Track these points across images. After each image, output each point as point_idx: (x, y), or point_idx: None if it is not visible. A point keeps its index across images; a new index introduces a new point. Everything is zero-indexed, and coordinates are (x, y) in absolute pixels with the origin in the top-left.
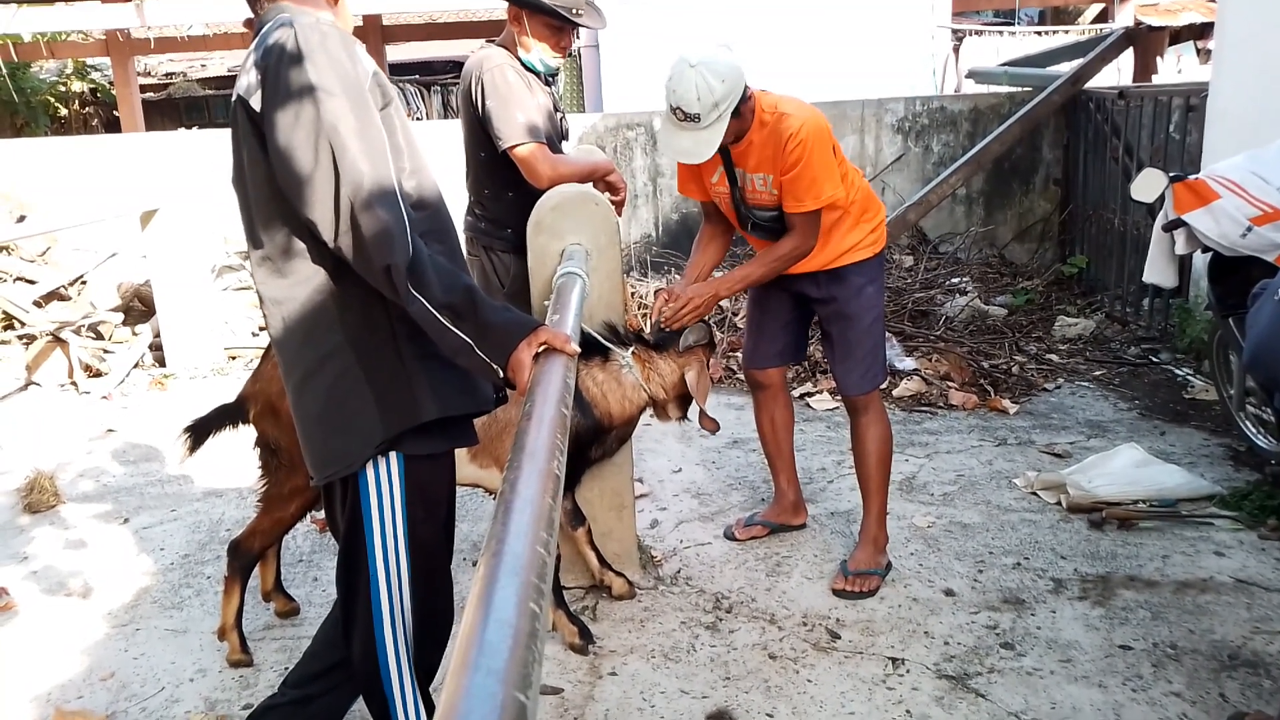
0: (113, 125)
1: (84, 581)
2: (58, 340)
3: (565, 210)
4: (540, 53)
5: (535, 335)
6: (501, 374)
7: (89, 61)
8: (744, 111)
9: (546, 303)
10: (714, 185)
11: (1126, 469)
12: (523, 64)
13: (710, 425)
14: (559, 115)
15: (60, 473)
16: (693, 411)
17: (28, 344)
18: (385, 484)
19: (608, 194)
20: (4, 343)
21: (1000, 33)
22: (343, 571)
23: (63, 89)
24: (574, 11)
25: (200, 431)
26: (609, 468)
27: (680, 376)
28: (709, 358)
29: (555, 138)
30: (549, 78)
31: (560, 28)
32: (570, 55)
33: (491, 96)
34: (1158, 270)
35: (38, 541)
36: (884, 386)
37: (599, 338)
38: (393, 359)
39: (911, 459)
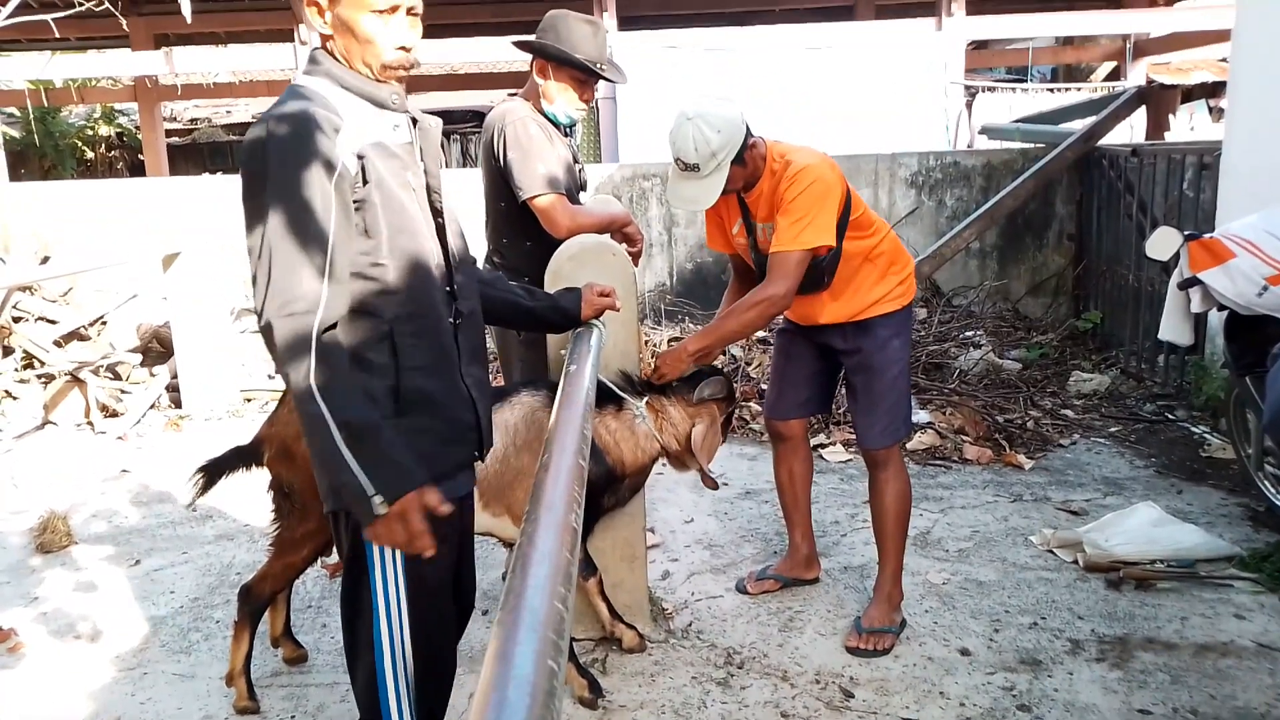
0: (138, 169)
1: (93, 624)
2: (76, 380)
3: (583, 260)
4: (564, 104)
5: (422, 493)
6: (365, 523)
7: (116, 106)
8: (748, 160)
9: (562, 352)
10: (734, 237)
11: (1144, 528)
12: (545, 115)
13: (710, 485)
14: (578, 167)
15: (74, 513)
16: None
17: (46, 383)
18: None
19: (625, 244)
20: (23, 381)
21: (1013, 89)
22: (345, 603)
23: (90, 133)
24: (599, 65)
25: (213, 472)
26: (621, 518)
27: (692, 426)
28: (724, 412)
29: (574, 189)
30: (568, 129)
31: (585, 80)
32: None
33: (513, 148)
34: (1173, 328)
35: (48, 583)
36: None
37: (614, 387)
38: (390, 424)
39: (926, 513)
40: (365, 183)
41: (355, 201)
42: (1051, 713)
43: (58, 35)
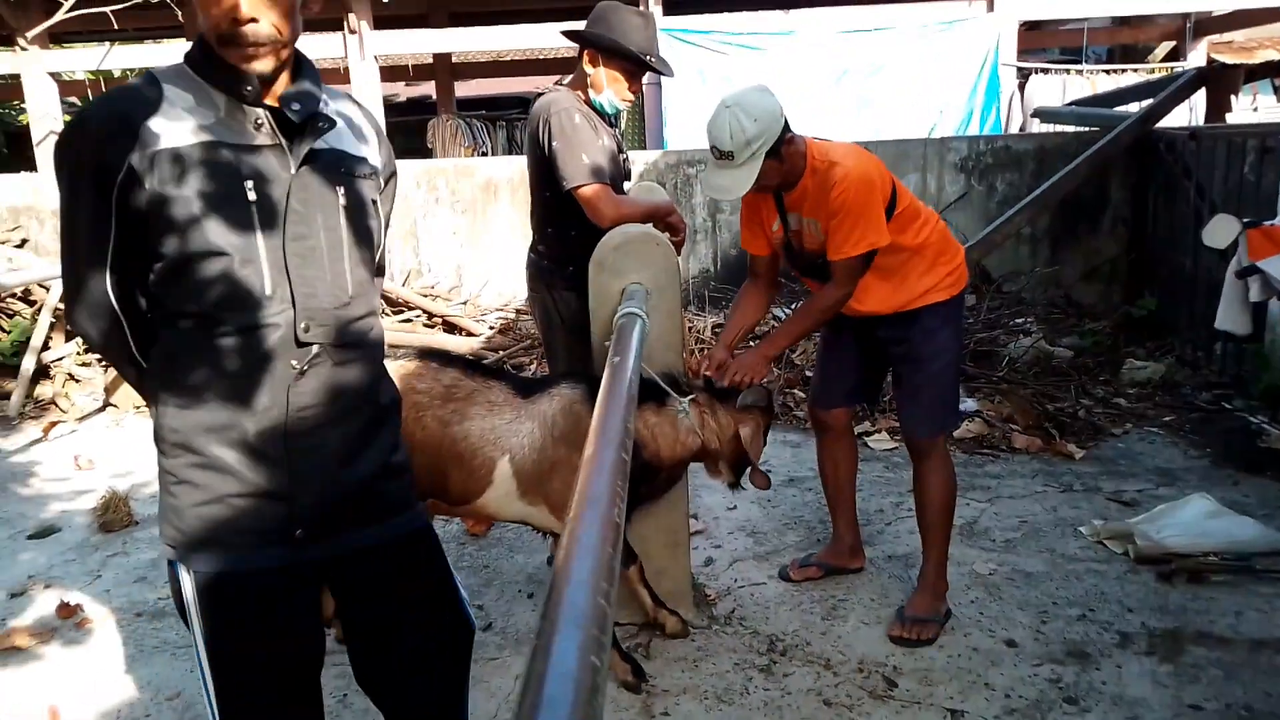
0: None
1: (153, 603)
2: None
3: (627, 250)
4: (611, 95)
5: None
6: None
7: None
8: (785, 154)
9: (607, 343)
10: (774, 234)
11: (1197, 519)
12: (591, 105)
13: (761, 482)
14: (623, 157)
15: (134, 494)
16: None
17: (107, 367)
18: (187, 582)
19: (668, 234)
20: (85, 364)
21: (1068, 71)
22: None
23: None
24: (649, 57)
25: None
26: (664, 505)
27: (735, 432)
28: (766, 422)
29: (619, 179)
30: (613, 119)
31: (634, 71)
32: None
33: (558, 138)
34: (1231, 318)
35: (112, 562)
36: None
37: (659, 380)
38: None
39: (973, 503)
40: (149, 188)
41: (143, 210)
42: (1099, 705)
43: (116, 26)
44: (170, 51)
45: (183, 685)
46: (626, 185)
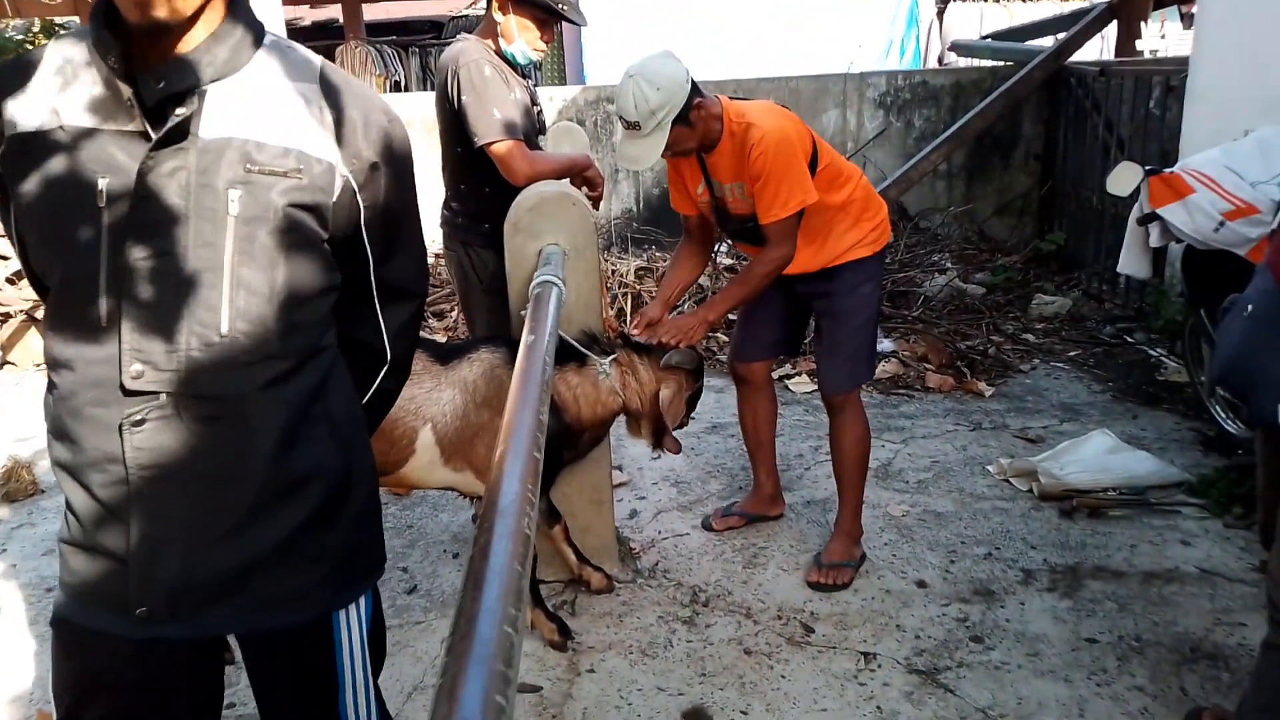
0: None
1: None
2: (32, 320)
3: (543, 211)
4: (523, 45)
5: None
6: None
7: (57, 20)
8: (695, 120)
9: (523, 313)
10: (699, 197)
11: (1098, 456)
12: (502, 55)
13: (673, 447)
14: (536, 109)
15: (38, 460)
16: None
17: (1, 323)
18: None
19: (585, 188)
20: None
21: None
22: None
23: (30, 47)
24: (561, 6)
25: None
26: (587, 463)
27: (657, 390)
28: (691, 387)
29: (532, 133)
30: (525, 70)
31: (546, 20)
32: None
33: (468, 92)
34: (1132, 261)
35: (17, 534)
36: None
37: (576, 345)
38: None
39: (888, 444)
40: (3, 178)
41: (7, 203)
42: (1003, 643)
43: None
44: None
45: None
46: (541, 139)
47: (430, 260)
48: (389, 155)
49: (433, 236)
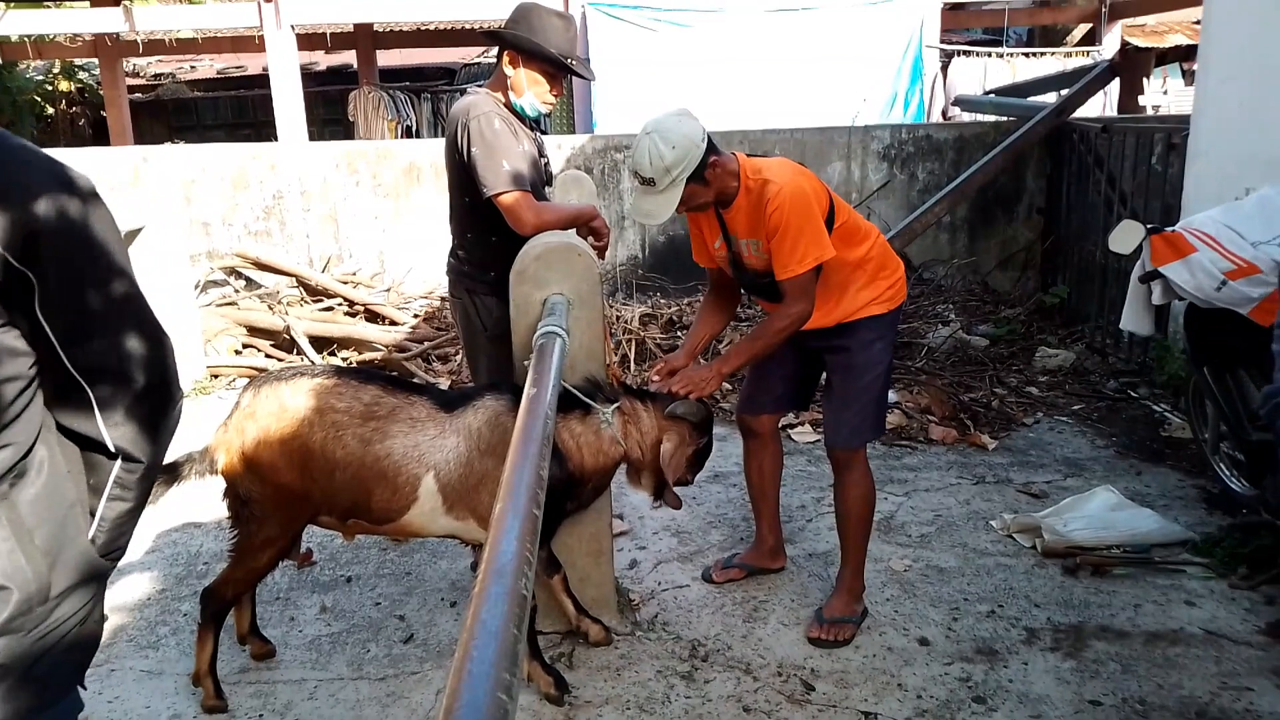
0: (99, 126)
1: None
2: None
3: (548, 260)
4: (532, 98)
5: None
6: None
7: (77, 61)
8: (711, 177)
9: (526, 363)
10: (716, 251)
11: (1101, 512)
12: (511, 108)
13: (673, 502)
14: (543, 160)
15: None
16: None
17: None
18: None
19: (590, 238)
20: None
21: (989, 54)
22: None
23: (49, 88)
24: (570, 60)
25: (169, 477)
26: (588, 513)
27: (658, 439)
28: (695, 442)
29: (539, 184)
30: (534, 121)
31: (555, 74)
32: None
33: (477, 144)
34: (1135, 318)
35: None
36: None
37: (579, 395)
38: None
39: (890, 497)
40: None
41: None
42: (1005, 704)
43: None
44: (70, 18)
45: (91, 708)
46: (548, 190)
47: (436, 305)
48: (57, 226)
49: (438, 281)
